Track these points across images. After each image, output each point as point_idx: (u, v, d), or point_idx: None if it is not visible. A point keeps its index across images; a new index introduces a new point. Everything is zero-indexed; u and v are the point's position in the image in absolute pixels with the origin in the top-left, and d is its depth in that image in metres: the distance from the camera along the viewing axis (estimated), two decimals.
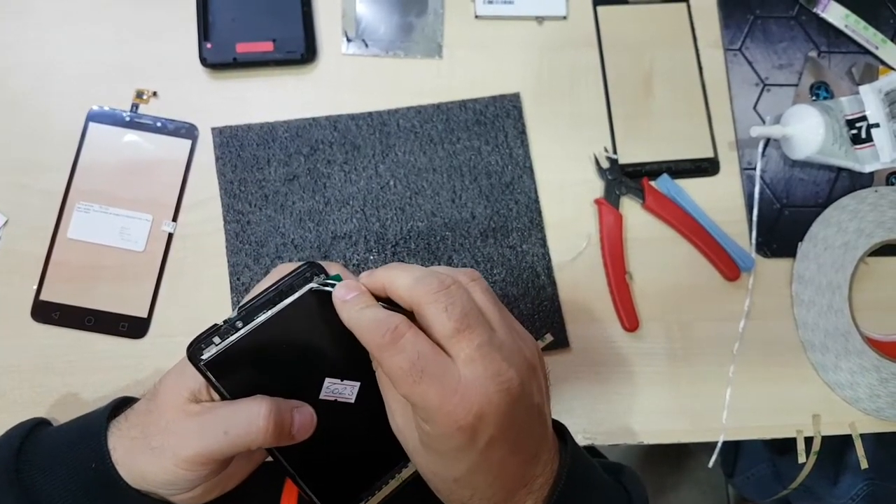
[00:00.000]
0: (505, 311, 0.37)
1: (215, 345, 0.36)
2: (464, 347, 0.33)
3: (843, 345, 0.55)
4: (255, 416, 0.35)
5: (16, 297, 0.53)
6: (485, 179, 0.56)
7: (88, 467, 0.38)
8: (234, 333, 0.36)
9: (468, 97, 0.57)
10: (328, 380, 0.38)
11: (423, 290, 0.34)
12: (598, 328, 0.55)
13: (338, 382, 0.38)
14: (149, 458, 0.37)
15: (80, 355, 0.52)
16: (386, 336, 0.33)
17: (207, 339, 0.36)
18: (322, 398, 0.38)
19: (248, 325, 0.36)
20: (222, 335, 0.36)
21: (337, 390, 0.38)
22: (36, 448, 0.40)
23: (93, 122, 0.56)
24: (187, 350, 0.36)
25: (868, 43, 0.61)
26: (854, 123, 0.57)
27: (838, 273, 0.56)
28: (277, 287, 0.37)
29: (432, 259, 0.54)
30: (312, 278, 0.38)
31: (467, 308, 0.34)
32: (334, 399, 0.38)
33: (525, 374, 0.34)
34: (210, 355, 0.36)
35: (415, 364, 0.32)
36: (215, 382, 0.36)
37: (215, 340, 0.36)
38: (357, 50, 0.58)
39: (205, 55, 0.56)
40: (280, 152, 0.56)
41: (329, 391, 0.38)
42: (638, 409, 0.54)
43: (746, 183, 0.58)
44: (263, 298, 0.37)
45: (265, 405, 0.36)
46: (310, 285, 0.37)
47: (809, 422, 0.55)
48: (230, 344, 0.36)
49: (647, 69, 0.60)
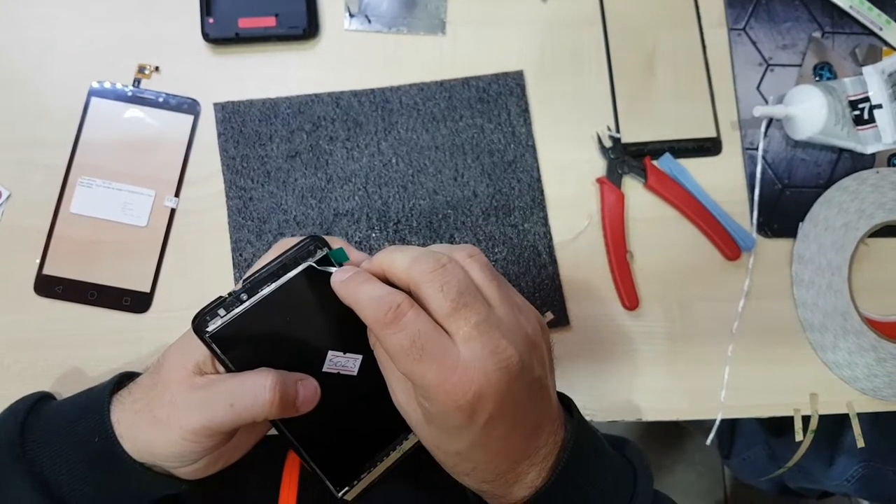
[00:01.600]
0: (505, 286, 0.37)
1: (220, 317, 0.36)
2: (461, 325, 0.33)
3: (842, 325, 0.55)
4: (261, 389, 0.35)
5: (19, 272, 0.53)
6: (487, 158, 0.56)
7: (92, 441, 0.38)
8: (238, 306, 0.37)
9: (471, 74, 0.57)
10: (331, 352, 0.39)
11: (419, 270, 0.34)
12: (598, 307, 0.55)
13: (340, 355, 0.39)
14: (154, 431, 0.37)
15: (84, 329, 0.53)
16: (388, 314, 0.33)
17: (212, 311, 0.36)
18: (325, 371, 0.38)
19: (252, 297, 0.37)
20: (227, 307, 0.36)
21: (340, 363, 0.39)
22: (40, 422, 0.41)
23: (95, 97, 0.55)
24: (192, 322, 0.36)
25: (872, 24, 0.60)
26: (857, 104, 0.57)
27: (838, 253, 0.56)
28: (281, 260, 0.38)
29: (434, 237, 0.55)
30: (315, 251, 0.38)
31: (463, 286, 0.34)
32: (337, 372, 0.39)
33: (525, 350, 0.34)
34: (215, 327, 0.36)
35: (415, 342, 0.32)
36: (220, 354, 0.37)
37: (220, 313, 0.36)
38: (360, 26, 0.58)
39: (207, 30, 0.56)
40: (282, 128, 0.56)
41: (332, 364, 0.39)
42: (637, 386, 0.54)
43: (748, 163, 0.58)
44: (268, 271, 0.37)
45: (270, 377, 0.36)
46: (311, 261, 0.38)
47: (807, 401, 0.55)
48: (235, 316, 0.37)
49: (651, 48, 0.59)
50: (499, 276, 0.37)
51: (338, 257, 0.38)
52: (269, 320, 0.37)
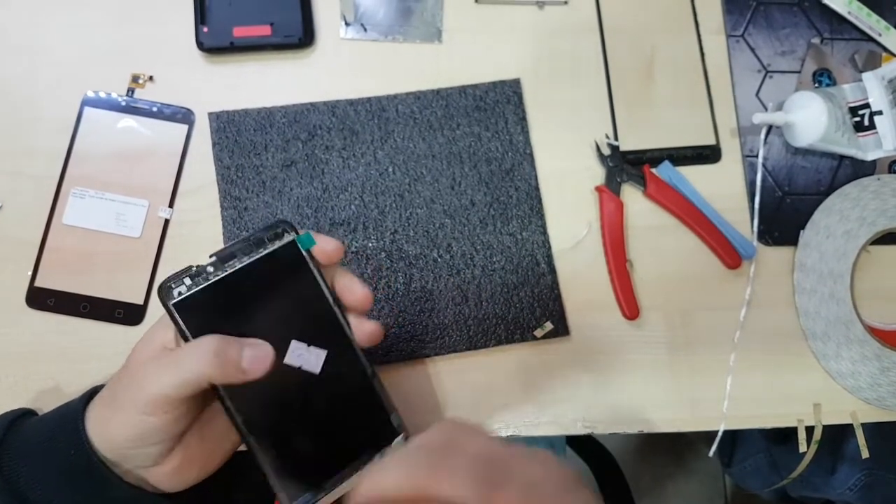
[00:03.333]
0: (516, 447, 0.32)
1: (186, 286, 0.37)
2: None
3: (845, 333, 0.54)
4: (204, 349, 0.36)
5: (10, 284, 0.52)
6: (485, 166, 0.56)
7: (68, 454, 0.38)
8: (205, 278, 0.37)
9: (468, 83, 0.57)
10: (294, 342, 0.38)
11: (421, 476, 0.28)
12: (598, 316, 0.55)
13: (303, 347, 0.38)
14: (114, 415, 0.37)
15: (76, 342, 0.52)
16: None
17: (178, 279, 0.37)
18: (286, 363, 0.38)
19: (219, 271, 0.37)
20: (193, 277, 0.37)
21: (303, 357, 0.38)
22: (18, 438, 0.40)
23: (88, 106, 0.55)
24: (158, 289, 0.37)
25: (871, 30, 0.60)
26: (857, 111, 0.56)
27: (840, 261, 0.55)
28: (249, 239, 0.38)
29: (431, 246, 0.54)
30: (283, 235, 0.38)
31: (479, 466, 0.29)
32: (299, 367, 0.38)
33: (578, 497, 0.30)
34: (180, 297, 0.37)
35: None
36: (182, 325, 0.37)
37: (186, 282, 0.37)
38: (355, 34, 0.58)
39: (201, 39, 0.55)
40: (278, 138, 0.55)
41: (294, 356, 0.38)
42: (638, 397, 0.54)
43: (748, 170, 0.58)
44: (236, 247, 0.38)
45: (213, 338, 0.36)
46: (278, 243, 0.38)
47: (810, 411, 0.55)
48: (200, 288, 0.37)
49: (649, 55, 0.59)
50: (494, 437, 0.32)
51: (305, 243, 0.39)
52: (234, 297, 0.38)
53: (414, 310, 0.53)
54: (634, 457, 1.34)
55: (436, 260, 0.54)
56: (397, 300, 0.53)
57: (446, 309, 0.53)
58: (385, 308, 0.53)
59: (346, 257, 0.53)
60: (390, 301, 0.53)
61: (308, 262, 0.39)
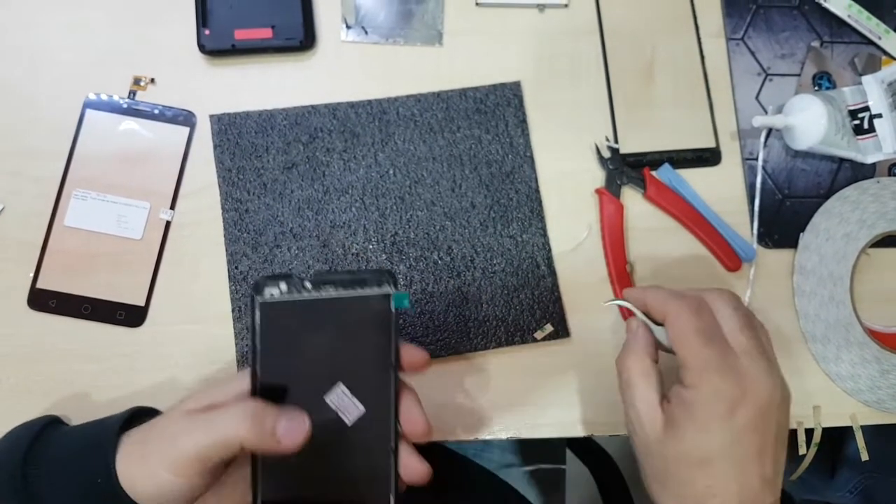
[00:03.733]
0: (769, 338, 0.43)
1: (279, 291, 0.37)
2: (745, 341, 0.39)
3: (845, 336, 0.55)
4: (241, 412, 0.35)
5: (12, 285, 0.52)
6: (485, 169, 0.56)
7: (94, 482, 0.37)
8: (299, 290, 0.37)
9: (468, 85, 0.57)
10: (341, 385, 0.38)
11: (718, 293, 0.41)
12: (598, 319, 0.55)
13: (347, 394, 0.38)
14: (141, 464, 0.36)
15: (77, 344, 0.52)
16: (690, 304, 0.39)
17: (275, 281, 0.37)
18: (326, 400, 0.38)
19: (314, 291, 0.38)
20: (289, 285, 0.37)
21: (343, 403, 0.38)
22: (45, 453, 0.40)
23: (90, 109, 0.55)
24: (253, 284, 0.37)
25: (871, 33, 0.60)
26: (856, 114, 0.56)
27: (840, 264, 0.56)
28: (354, 274, 0.38)
29: (432, 248, 0.54)
30: (383, 284, 0.39)
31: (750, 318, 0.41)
32: (335, 410, 0.38)
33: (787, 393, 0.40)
34: (271, 298, 0.37)
35: (707, 329, 0.38)
36: (258, 324, 0.37)
37: (281, 287, 0.37)
38: (356, 37, 0.58)
39: (203, 42, 0.55)
40: (279, 140, 0.55)
41: (335, 398, 0.38)
42: None
43: (748, 173, 0.58)
44: (337, 277, 0.38)
45: (252, 403, 0.36)
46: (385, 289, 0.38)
47: (810, 413, 0.55)
48: (291, 299, 0.37)
49: (649, 58, 0.59)
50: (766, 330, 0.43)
51: (398, 301, 0.39)
52: (313, 322, 0.38)
53: (414, 311, 0.53)
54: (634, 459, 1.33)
55: (436, 262, 0.54)
56: None
57: (446, 311, 0.53)
58: None
59: (346, 258, 0.54)
60: None
61: (391, 321, 0.39)
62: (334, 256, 0.54)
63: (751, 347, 0.39)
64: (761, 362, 0.38)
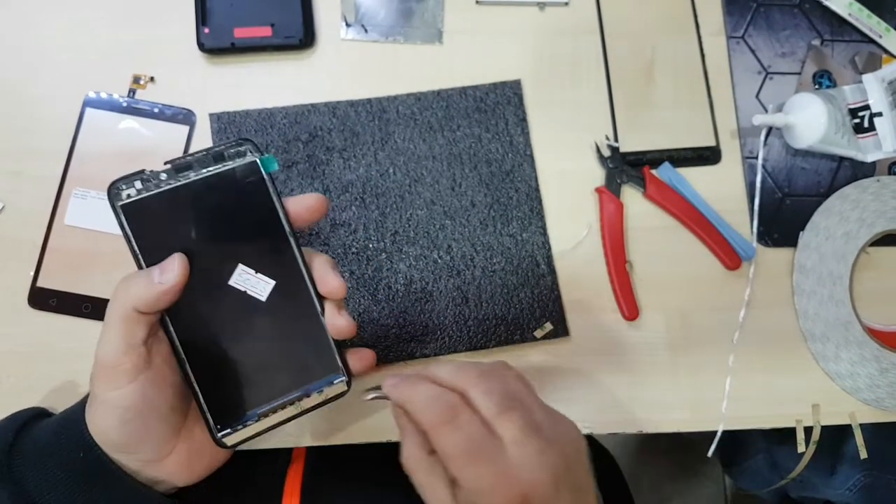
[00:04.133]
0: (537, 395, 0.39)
1: (136, 189, 0.36)
2: (508, 428, 0.35)
3: (844, 335, 0.55)
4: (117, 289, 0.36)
5: (13, 284, 0.52)
6: (485, 167, 0.56)
7: (77, 457, 0.38)
8: (157, 184, 0.36)
9: (468, 84, 0.57)
10: (241, 266, 0.37)
11: (465, 375, 0.37)
12: (598, 317, 0.55)
13: (251, 273, 0.38)
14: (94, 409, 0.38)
15: (78, 342, 0.52)
16: (446, 412, 0.35)
17: (129, 182, 0.36)
18: (231, 284, 0.37)
19: (173, 180, 0.36)
20: (144, 182, 0.36)
21: (249, 281, 0.38)
22: (28, 442, 0.40)
23: (89, 107, 0.55)
24: (107, 189, 0.36)
25: (872, 31, 0.60)
26: (857, 112, 0.56)
27: (839, 263, 0.56)
28: (209, 152, 0.37)
29: (432, 247, 0.54)
30: (246, 154, 0.37)
31: (506, 391, 0.36)
32: (245, 291, 0.38)
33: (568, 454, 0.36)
34: (128, 199, 0.36)
35: (471, 442, 0.34)
36: (126, 228, 0.36)
37: (136, 185, 0.36)
38: (356, 35, 0.58)
39: (202, 40, 0.55)
40: (278, 139, 0.55)
41: (240, 279, 0.37)
42: (637, 398, 0.54)
43: (748, 172, 0.58)
44: (194, 158, 0.37)
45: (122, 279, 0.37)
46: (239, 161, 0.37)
47: (809, 412, 0.55)
48: (150, 193, 0.36)
49: (649, 56, 0.59)
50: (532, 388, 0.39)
51: (267, 165, 0.38)
52: (184, 210, 0.37)
53: (414, 310, 0.53)
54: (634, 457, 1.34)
55: (436, 261, 0.54)
56: (397, 301, 0.53)
57: (446, 310, 0.53)
58: (385, 309, 0.53)
59: (346, 257, 0.54)
60: (391, 302, 0.53)
61: (268, 187, 0.38)
62: (334, 255, 0.54)
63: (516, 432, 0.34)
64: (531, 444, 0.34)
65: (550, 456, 0.34)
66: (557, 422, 0.37)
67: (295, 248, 0.39)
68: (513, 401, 0.36)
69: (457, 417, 0.34)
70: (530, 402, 0.37)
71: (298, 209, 0.39)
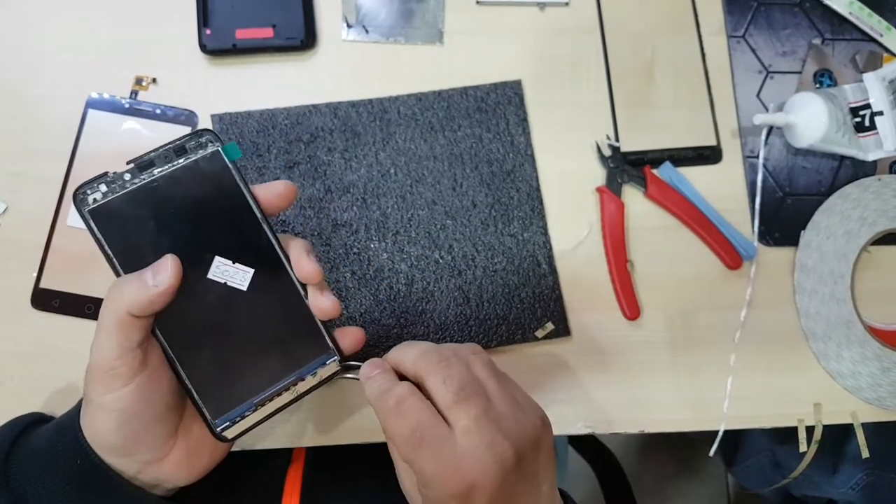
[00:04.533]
0: (506, 382, 0.39)
1: (102, 193, 0.36)
2: (461, 417, 0.35)
3: (845, 334, 0.55)
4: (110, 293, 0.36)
5: (16, 285, 0.53)
6: (486, 167, 0.56)
7: (74, 465, 0.38)
8: (122, 185, 0.36)
9: (469, 84, 0.57)
10: (218, 258, 0.37)
11: (425, 363, 0.37)
12: (599, 317, 0.55)
13: (228, 264, 0.37)
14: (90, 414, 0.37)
15: (80, 343, 0.52)
16: (390, 402, 0.36)
17: (93, 186, 0.35)
18: (211, 278, 0.37)
19: (137, 179, 0.36)
20: (109, 184, 0.36)
21: (227, 273, 0.37)
22: (26, 450, 0.40)
23: (92, 109, 0.55)
24: (72, 195, 0.35)
25: (872, 30, 0.60)
26: (858, 111, 0.56)
27: (841, 262, 0.56)
28: (170, 146, 0.36)
29: (433, 247, 0.54)
30: (207, 145, 0.37)
31: (465, 380, 0.36)
32: (224, 282, 0.37)
33: (522, 445, 0.36)
34: (95, 204, 0.35)
35: (414, 431, 0.35)
36: (97, 233, 0.36)
37: (101, 189, 0.36)
38: (357, 36, 0.58)
39: (204, 41, 0.56)
40: (280, 139, 0.55)
41: (219, 272, 0.37)
42: (639, 397, 0.54)
43: (749, 171, 0.58)
44: (156, 155, 0.36)
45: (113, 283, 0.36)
46: (202, 152, 0.37)
47: (811, 411, 0.55)
48: (116, 195, 0.36)
49: (650, 56, 0.59)
50: (501, 374, 0.39)
51: (230, 153, 0.37)
52: (152, 208, 0.36)
53: (415, 310, 0.53)
54: (636, 457, 1.34)
55: (437, 261, 0.54)
56: (399, 301, 0.53)
57: (448, 309, 0.53)
58: (387, 309, 0.53)
59: (348, 257, 0.54)
60: (392, 302, 0.53)
61: (234, 176, 0.38)
62: (336, 255, 0.54)
63: (468, 422, 0.34)
64: (481, 435, 0.34)
65: (499, 447, 0.34)
66: (519, 413, 0.37)
67: (269, 234, 0.39)
68: (471, 390, 0.36)
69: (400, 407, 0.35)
70: (493, 390, 0.37)
71: (268, 196, 0.39)
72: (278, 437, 0.51)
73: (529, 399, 0.39)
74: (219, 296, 0.37)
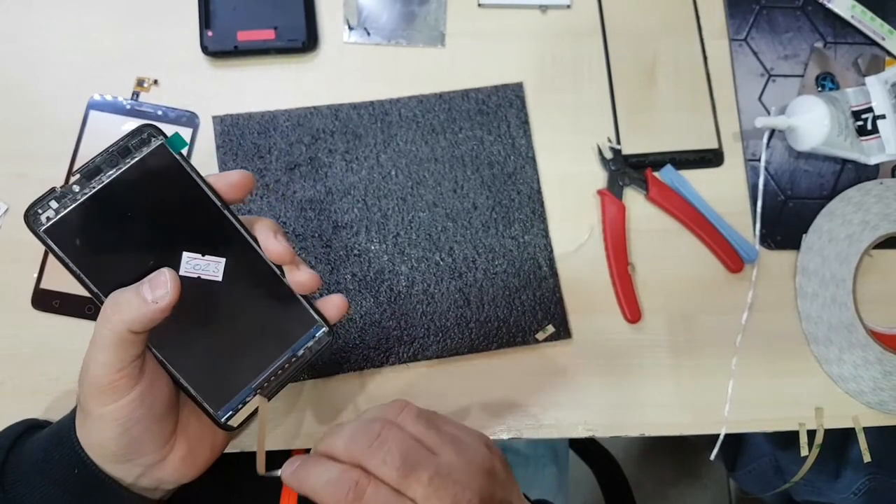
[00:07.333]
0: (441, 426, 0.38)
1: (54, 210, 0.35)
2: (416, 489, 0.34)
3: (847, 338, 0.54)
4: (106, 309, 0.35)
5: (16, 286, 0.53)
6: (487, 170, 0.56)
7: (71, 474, 0.38)
8: (73, 198, 0.35)
9: (470, 86, 0.57)
10: (186, 254, 0.37)
11: (358, 449, 0.35)
12: (600, 320, 0.55)
13: (198, 258, 0.37)
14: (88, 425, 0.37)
15: (81, 344, 0.51)
16: (349, 495, 0.34)
17: (43, 204, 0.35)
18: (183, 275, 0.36)
19: (87, 189, 0.35)
20: (59, 200, 0.35)
21: (199, 266, 0.37)
22: (22, 457, 0.40)
23: (93, 110, 0.55)
24: (24, 217, 0.34)
25: (874, 34, 0.60)
26: (860, 115, 0.56)
27: (842, 265, 0.55)
28: (112, 149, 0.35)
29: (434, 249, 0.54)
30: (151, 140, 0.36)
31: (404, 449, 0.35)
32: (198, 276, 0.37)
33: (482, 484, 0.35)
34: (48, 222, 0.35)
35: None
36: (58, 251, 0.35)
37: (52, 205, 0.35)
38: (359, 38, 0.58)
39: (206, 43, 0.56)
40: (281, 141, 0.55)
41: (190, 267, 0.37)
42: (640, 401, 0.54)
43: (751, 174, 0.58)
44: (100, 160, 0.35)
45: (108, 297, 0.35)
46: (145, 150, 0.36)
47: (812, 415, 0.54)
48: (69, 209, 0.35)
49: (652, 59, 0.59)
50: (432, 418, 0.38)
51: (175, 145, 0.36)
52: (108, 214, 0.35)
53: (416, 312, 0.53)
54: (637, 460, 1.34)
55: (438, 263, 0.54)
56: (399, 303, 0.53)
57: (448, 312, 0.53)
58: (387, 311, 0.53)
59: (348, 259, 0.54)
60: (392, 304, 0.53)
61: (184, 167, 0.37)
62: (337, 257, 0.54)
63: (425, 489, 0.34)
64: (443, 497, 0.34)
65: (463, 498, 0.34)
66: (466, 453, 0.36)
67: (233, 220, 0.38)
68: (413, 458, 0.35)
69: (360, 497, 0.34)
70: (434, 442, 0.36)
71: (221, 186, 0.38)
72: (277, 437, 0.51)
73: (465, 428, 0.39)
74: (195, 290, 0.37)
